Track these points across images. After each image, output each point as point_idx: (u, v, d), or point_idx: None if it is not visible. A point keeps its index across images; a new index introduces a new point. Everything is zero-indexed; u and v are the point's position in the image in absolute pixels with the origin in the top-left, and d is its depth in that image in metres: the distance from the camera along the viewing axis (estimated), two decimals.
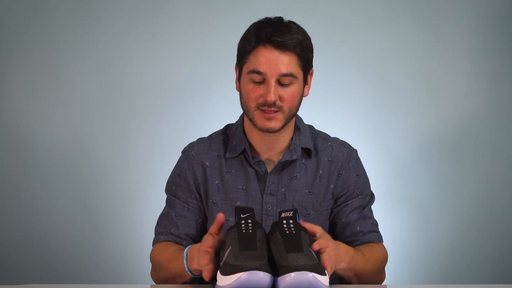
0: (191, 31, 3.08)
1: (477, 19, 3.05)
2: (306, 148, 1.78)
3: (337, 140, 1.84)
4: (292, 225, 1.45)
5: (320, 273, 1.36)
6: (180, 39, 3.08)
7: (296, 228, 1.45)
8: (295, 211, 1.48)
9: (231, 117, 1.90)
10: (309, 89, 1.76)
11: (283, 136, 1.75)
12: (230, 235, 1.44)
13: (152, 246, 1.81)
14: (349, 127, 2.97)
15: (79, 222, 3.06)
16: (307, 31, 1.72)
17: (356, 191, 1.80)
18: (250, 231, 1.43)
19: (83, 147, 3.07)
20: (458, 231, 3.05)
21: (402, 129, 3.06)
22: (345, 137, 1.88)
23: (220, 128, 1.86)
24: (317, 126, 1.87)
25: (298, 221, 1.48)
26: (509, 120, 3.06)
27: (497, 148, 3.06)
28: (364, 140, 2.91)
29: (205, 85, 3.06)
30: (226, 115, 2.04)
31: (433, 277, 3.04)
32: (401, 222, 3.03)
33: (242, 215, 1.47)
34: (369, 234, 1.78)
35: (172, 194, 1.82)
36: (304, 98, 1.75)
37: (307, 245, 1.44)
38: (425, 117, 3.05)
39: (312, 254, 1.41)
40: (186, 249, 1.60)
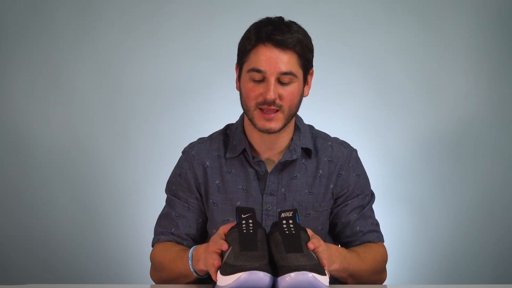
0: (191, 31, 3.08)
1: (477, 19, 3.05)
2: (306, 148, 1.78)
3: (337, 140, 1.84)
4: (292, 225, 1.45)
5: (320, 273, 1.36)
6: (180, 39, 3.08)
7: (296, 228, 1.45)
8: (294, 211, 1.48)
9: (231, 117, 1.90)
10: (309, 89, 1.76)
11: (283, 136, 1.75)
12: (230, 235, 1.44)
13: (152, 246, 1.81)
14: (349, 127, 2.97)
15: (79, 222, 3.06)
16: (307, 31, 1.72)
17: (356, 191, 1.80)
18: (251, 231, 1.43)
19: (83, 147, 3.07)
20: (458, 231, 3.05)
21: (402, 129, 3.06)
22: (345, 137, 1.88)
23: (220, 128, 1.86)
24: (317, 126, 1.87)
25: (298, 221, 1.48)
26: (509, 120, 3.06)
27: (497, 148, 3.06)
28: (364, 140, 2.91)
29: (205, 85, 3.06)
30: (226, 115, 2.04)
31: (433, 277, 3.04)
32: (401, 222, 3.03)
33: (242, 215, 1.47)
34: (368, 234, 1.78)
35: (172, 194, 1.82)
36: (304, 98, 1.75)
37: (306, 245, 1.44)
38: (425, 117, 3.05)
39: (311, 255, 1.41)
40: (191, 250, 1.60)
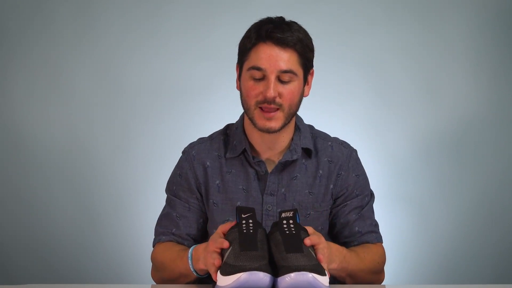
0: (191, 31, 3.07)
1: (477, 19, 3.05)
2: (306, 148, 1.78)
3: (337, 140, 1.84)
4: (292, 225, 1.45)
5: (320, 273, 1.36)
6: (180, 39, 3.08)
7: (296, 228, 1.44)
8: (295, 211, 1.48)
9: (231, 117, 1.90)
10: (310, 89, 1.76)
11: (284, 136, 1.75)
12: (231, 235, 1.44)
13: (153, 247, 1.80)
14: (349, 127, 2.97)
15: (79, 222, 3.06)
16: (307, 31, 1.72)
17: (355, 191, 1.80)
18: (251, 231, 1.43)
19: (83, 147, 3.07)
20: (458, 231, 3.05)
21: (402, 129, 3.06)
22: (345, 137, 1.88)
23: (220, 128, 1.86)
24: (317, 126, 1.87)
25: (299, 221, 1.48)
26: (509, 120, 3.06)
27: (497, 148, 3.06)
28: (364, 140, 2.91)
29: (205, 85, 3.06)
30: (226, 115, 2.04)
31: (433, 277, 3.03)
32: (401, 222, 3.03)
33: (243, 215, 1.47)
34: (367, 235, 1.78)
35: (172, 194, 1.81)
36: (304, 98, 1.75)
37: (307, 246, 1.44)
38: (425, 117, 3.05)
39: (312, 255, 1.41)
40: (191, 250, 1.60)
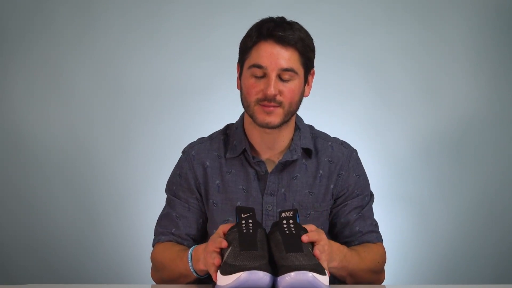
0: (191, 31, 3.07)
1: (477, 19, 3.05)
2: (306, 148, 1.78)
3: (337, 140, 1.84)
4: (292, 225, 1.45)
5: (320, 273, 1.36)
6: (180, 39, 3.08)
7: (296, 228, 1.45)
8: (295, 211, 1.48)
9: (231, 117, 1.90)
10: (310, 89, 1.76)
11: (283, 135, 1.75)
12: (230, 235, 1.44)
13: (153, 247, 1.80)
14: (349, 127, 2.97)
15: (79, 222, 3.06)
16: (308, 31, 1.72)
17: (356, 191, 1.80)
18: (251, 231, 1.43)
19: (83, 147, 3.07)
20: (458, 231, 3.05)
21: (402, 129, 3.06)
22: (345, 137, 1.88)
23: (220, 128, 1.86)
24: (317, 126, 1.87)
25: (299, 221, 1.48)
26: (509, 120, 3.06)
27: (497, 148, 3.06)
28: (364, 140, 2.91)
29: (205, 85, 3.06)
30: (226, 115, 2.04)
31: (433, 277, 3.03)
32: (401, 222, 3.03)
33: (242, 215, 1.47)
34: (368, 234, 1.78)
35: (172, 194, 1.81)
36: (304, 98, 1.75)
37: (307, 245, 1.44)
38: (425, 117, 3.05)
39: (312, 254, 1.41)
40: (191, 250, 1.60)
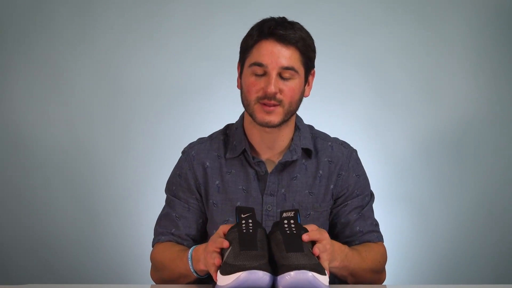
0: (191, 31, 3.07)
1: (477, 19, 3.05)
2: (306, 148, 1.78)
3: (337, 140, 1.84)
4: (293, 225, 1.45)
5: (320, 272, 1.36)
6: (180, 39, 3.08)
7: (297, 228, 1.45)
8: (296, 211, 1.48)
9: (231, 117, 1.90)
10: (310, 90, 1.76)
11: (283, 135, 1.75)
12: (230, 235, 1.44)
13: (152, 247, 1.80)
14: (349, 127, 2.97)
15: (79, 222, 3.06)
16: (307, 30, 1.72)
17: (356, 191, 1.80)
18: (251, 231, 1.43)
19: (83, 147, 3.07)
20: (458, 231, 3.05)
21: (402, 129, 3.06)
22: (345, 137, 1.88)
23: (220, 128, 1.86)
24: (317, 126, 1.87)
25: (299, 221, 1.48)
26: (509, 120, 3.06)
27: (497, 148, 3.06)
28: (364, 140, 2.91)
29: (205, 85, 3.06)
30: (226, 115, 2.04)
31: (433, 277, 3.03)
32: (401, 222, 3.03)
33: (242, 215, 1.47)
34: (368, 234, 1.78)
35: (172, 194, 1.81)
36: (304, 99, 1.75)
37: (307, 245, 1.44)
38: (425, 117, 3.05)
39: (312, 254, 1.41)
40: (191, 250, 1.60)
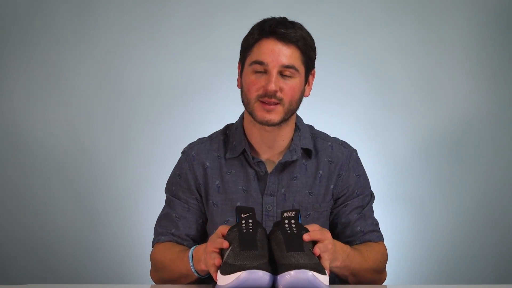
0: (191, 31, 3.07)
1: (477, 19, 3.05)
2: (306, 148, 1.78)
3: (337, 140, 1.84)
4: (294, 225, 1.45)
5: (320, 272, 1.36)
6: (180, 39, 3.08)
7: (297, 228, 1.45)
8: (297, 211, 1.48)
9: (231, 117, 1.90)
10: (310, 90, 1.76)
11: (283, 135, 1.75)
12: (230, 235, 1.45)
13: (152, 247, 1.80)
14: (349, 127, 2.97)
15: (79, 222, 3.06)
16: (308, 30, 1.72)
17: (356, 191, 1.80)
18: (251, 230, 1.43)
19: (83, 147, 3.07)
20: (458, 231, 3.05)
21: (402, 129, 3.06)
22: (345, 137, 1.88)
23: (220, 128, 1.86)
24: (317, 126, 1.87)
25: (300, 221, 1.48)
26: (509, 120, 3.06)
27: (497, 148, 3.06)
28: (364, 140, 2.91)
29: (205, 85, 3.06)
30: (226, 115, 2.04)
31: (433, 277, 3.03)
32: (401, 222, 3.03)
33: (242, 215, 1.47)
34: (369, 234, 1.78)
35: (172, 194, 1.81)
36: (304, 99, 1.75)
37: (308, 245, 1.44)
38: (425, 117, 3.05)
39: (313, 254, 1.42)
40: (191, 251, 1.60)
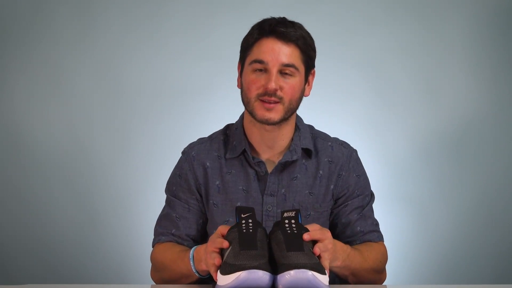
0: (191, 31, 3.08)
1: (477, 19, 3.05)
2: (306, 148, 1.78)
3: (337, 140, 1.84)
4: (294, 224, 1.45)
5: (320, 272, 1.36)
6: (180, 39, 3.08)
7: (298, 228, 1.45)
8: (297, 211, 1.48)
9: (231, 117, 1.90)
10: (310, 89, 1.76)
11: (283, 134, 1.75)
12: (230, 235, 1.45)
13: (152, 247, 1.80)
14: (349, 127, 2.97)
15: (79, 222, 3.06)
16: (308, 31, 1.72)
17: (356, 191, 1.80)
18: (251, 230, 1.43)
19: (83, 147, 3.07)
20: (458, 231, 3.05)
21: (402, 129, 3.06)
22: (345, 137, 1.88)
23: (220, 128, 1.86)
24: (317, 126, 1.87)
25: (300, 221, 1.49)
26: (509, 120, 3.06)
27: (497, 148, 3.06)
28: (364, 140, 2.91)
29: (205, 85, 3.06)
30: (226, 115, 2.04)
31: (433, 277, 3.03)
32: (401, 222, 3.03)
33: (242, 215, 1.47)
34: (369, 234, 1.78)
35: (172, 194, 1.81)
36: (304, 98, 1.75)
37: (308, 245, 1.44)
38: (425, 117, 3.05)
39: (312, 254, 1.42)
40: (192, 251, 1.60)
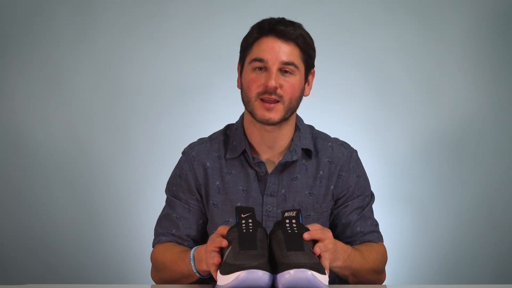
0: (191, 31, 3.08)
1: (477, 19, 3.05)
2: (307, 148, 1.78)
3: (337, 140, 1.84)
4: (294, 224, 1.46)
5: (320, 272, 1.36)
6: (180, 39, 3.08)
7: (298, 228, 1.45)
8: (298, 211, 1.49)
9: (231, 117, 1.90)
10: (310, 89, 1.76)
11: (283, 134, 1.75)
12: (230, 235, 1.45)
13: (153, 247, 1.80)
14: (349, 127, 2.97)
15: (79, 222, 3.06)
16: (307, 31, 1.72)
17: (356, 192, 1.80)
18: (251, 230, 1.43)
19: (83, 147, 3.07)
20: (458, 231, 3.05)
21: (402, 129, 3.06)
22: (345, 137, 1.88)
23: (220, 128, 1.86)
24: (317, 126, 1.87)
25: (301, 221, 1.49)
26: (509, 120, 3.06)
27: (497, 148, 3.06)
28: (364, 140, 2.91)
29: (205, 85, 3.06)
30: (226, 115, 2.05)
31: (433, 277, 3.03)
32: (401, 222, 3.03)
33: (242, 215, 1.47)
34: (369, 234, 1.78)
35: (172, 195, 1.81)
36: (304, 98, 1.75)
37: (308, 245, 1.44)
38: (425, 117, 3.05)
39: (313, 254, 1.42)
40: (192, 251, 1.60)
